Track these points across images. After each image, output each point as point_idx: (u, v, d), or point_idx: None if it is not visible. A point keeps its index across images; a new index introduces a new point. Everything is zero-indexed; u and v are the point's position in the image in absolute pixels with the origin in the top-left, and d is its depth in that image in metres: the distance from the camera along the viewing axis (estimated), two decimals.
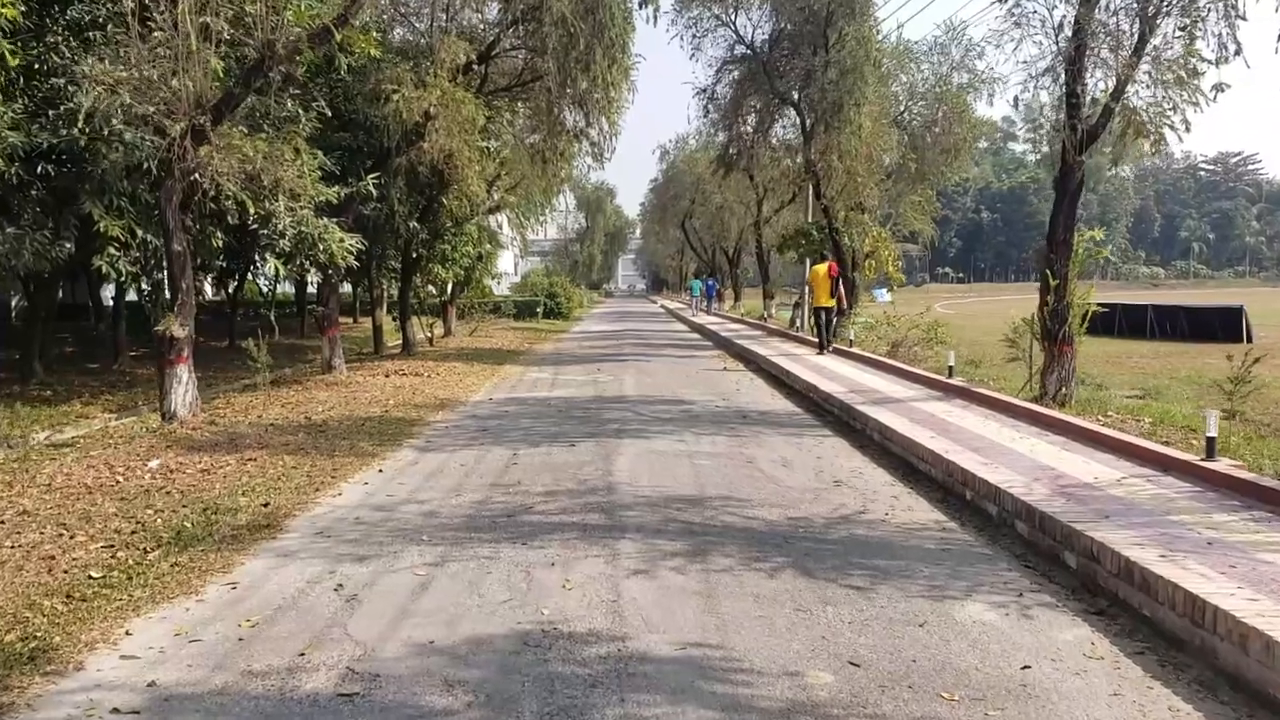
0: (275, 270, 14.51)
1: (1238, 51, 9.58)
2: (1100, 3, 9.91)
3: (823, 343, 18.01)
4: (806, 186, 25.07)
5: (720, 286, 48.35)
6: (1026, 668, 3.90)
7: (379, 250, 18.62)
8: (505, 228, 32.17)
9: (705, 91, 24.51)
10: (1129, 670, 3.90)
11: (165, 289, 12.12)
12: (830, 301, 17.98)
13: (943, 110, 24.80)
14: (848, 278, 20.76)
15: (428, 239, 20.18)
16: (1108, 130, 10.32)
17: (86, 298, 23.62)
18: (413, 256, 20.85)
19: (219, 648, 4.15)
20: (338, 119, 14.25)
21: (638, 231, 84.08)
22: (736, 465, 8.24)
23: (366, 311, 27.91)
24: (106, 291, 20.21)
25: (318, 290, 20.36)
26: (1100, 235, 11.49)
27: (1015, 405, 9.94)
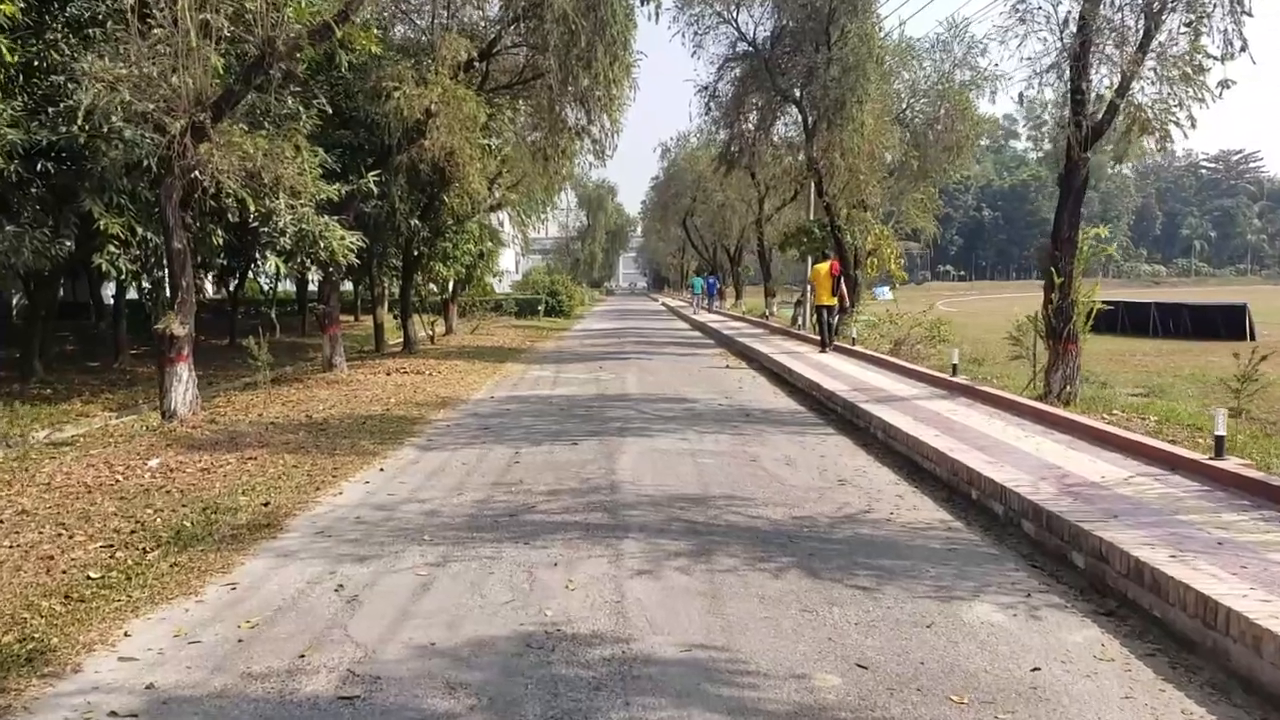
0: (276, 268, 14.49)
1: (1243, 48, 9.54)
2: None
3: (824, 341, 17.99)
4: (808, 184, 25.00)
5: (721, 284, 48.24)
6: (1036, 670, 3.85)
7: (380, 248, 18.55)
8: (507, 225, 32.17)
9: (707, 89, 24.41)
10: (1140, 672, 3.85)
11: (165, 287, 12.08)
12: (832, 300, 17.96)
13: (945, 108, 24.68)
14: (850, 276, 20.69)
15: (429, 237, 20.13)
16: (1113, 127, 10.27)
17: (87, 296, 23.61)
18: (414, 254, 20.80)
19: (218, 649, 4.11)
20: (338, 116, 14.19)
21: (639, 229, 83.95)
22: (740, 464, 8.19)
23: (368, 309, 27.85)
24: (107, 290, 20.20)
25: (318, 288, 20.30)
26: (1105, 233, 11.43)
27: (1020, 403, 9.89)
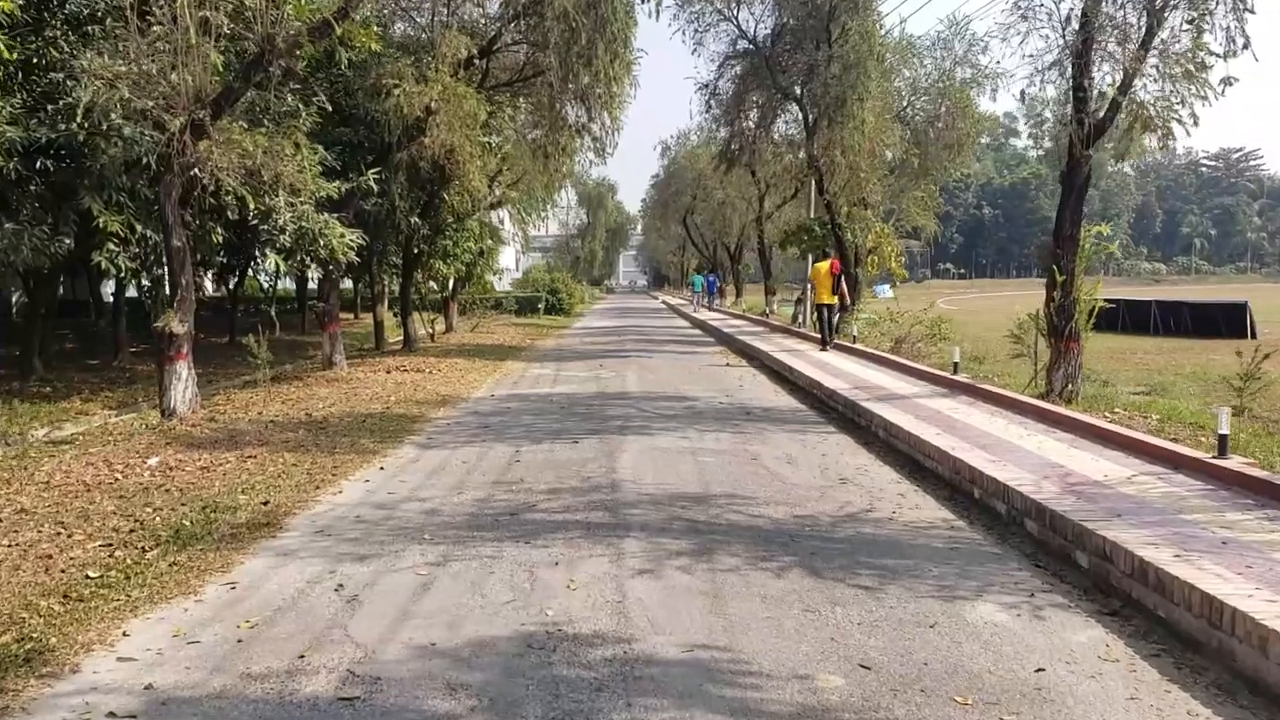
0: (275, 266, 14.42)
1: (1246, 45, 9.51)
2: None
3: (825, 339, 17.99)
4: (809, 182, 24.96)
5: (722, 282, 48.19)
6: (1040, 670, 3.83)
7: (380, 246, 18.52)
8: (507, 223, 32.11)
9: (707, 87, 24.34)
10: (1145, 673, 3.83)
11: (165, 285, 12.06)
12: (832, 299, 17.97)
13: (946, 105, 24.63)
14: (850, 274, 20.67)
15: (429, 234, 20.09)
16: (1115, 124, 10.24)
17: (87, 294, 23.57)
18: (414, 252, 20.76)
19: (217, 649, 4.08)
20: (338, 114, 14.15)
21: (639, 227, 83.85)
22: (741, 462, 8.17)
23: (367, 307, 27.84)
24: (107, 287, 20.15)
25: (318, 286, 20.30)
26: (1107, 230, 11.40)
27: (1021, 402, 9.86)
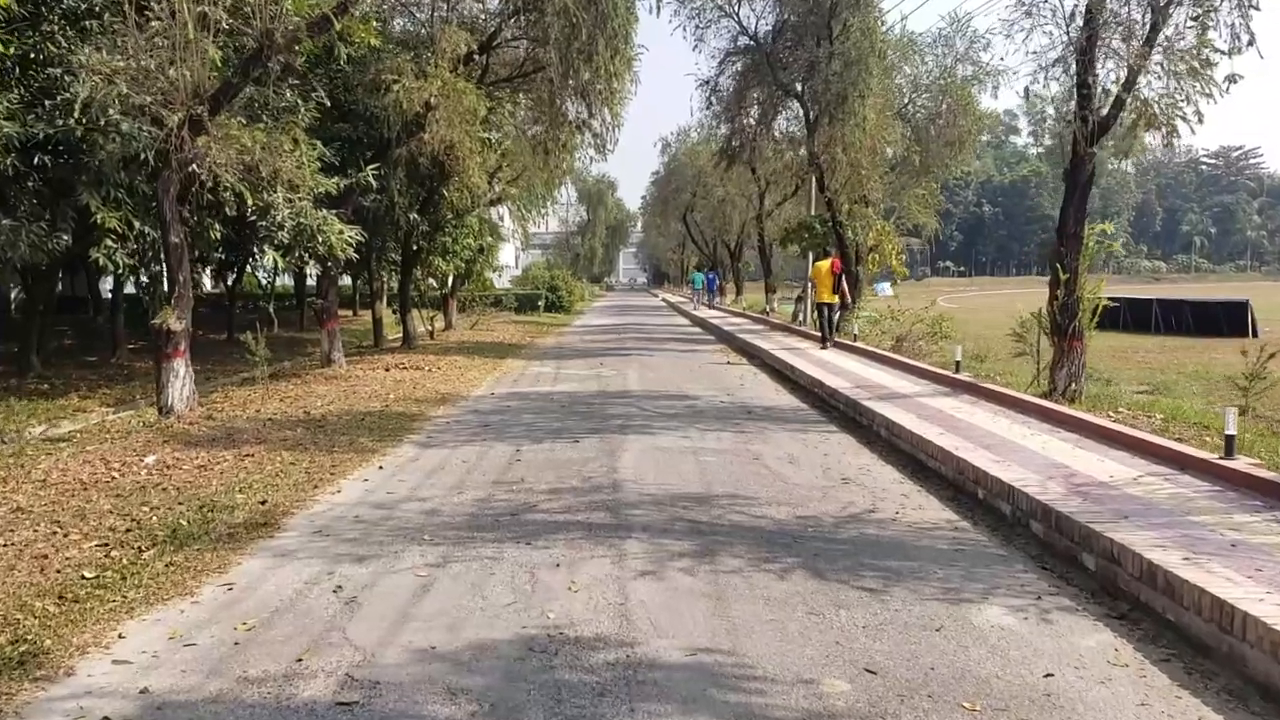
0: (274, 262, 14.39)
1: (1250, 42, 9.45)
2: None
3: (825, 337, 17.94)
4: (809, 179, 24.88)
5: (722, 280, 48.10)
6: (1049, 676, 3.77)
7: (379, 242, 18.45)
8: (506, 220, 32.00)
9: (708, 83, 24.26)
10: (1155, 678, 3.78)
11: (163, 281, 12.00)
12: (833, 297, 17.92)
13: (947, 103, 24.59)
14: (851, 272, 20.61)
15: (428, 231, 20.02)
16: (1119, 122, 10.17)
17: (85, 290, 23.49)
18: (413, 249, 20.69)
19: (214, 652, 4.02)
20: (337, 109, 14.09)
21: (639, 225, 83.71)
22: (743, 462, 8.11)
23: (366, 304, 27.76)
24: (105, 284, 20.10)
25: (317, 283, 20.17)
26: (1110, 228, 11.34)
27: (1024, 401, 9.81)
